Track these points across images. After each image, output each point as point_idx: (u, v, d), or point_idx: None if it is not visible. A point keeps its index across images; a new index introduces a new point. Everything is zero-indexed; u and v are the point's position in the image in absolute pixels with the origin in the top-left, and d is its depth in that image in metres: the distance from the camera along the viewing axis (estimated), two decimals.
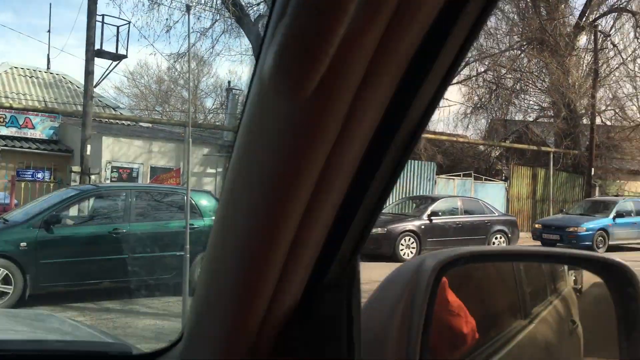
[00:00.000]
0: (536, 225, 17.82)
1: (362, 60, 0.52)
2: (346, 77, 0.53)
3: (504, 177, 24.09)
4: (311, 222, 0.61)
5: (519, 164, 23.39)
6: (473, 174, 21.83)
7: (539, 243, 17.00)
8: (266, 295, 0.64)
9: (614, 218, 16.65)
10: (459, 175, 21.42)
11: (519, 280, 1.30)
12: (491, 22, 23.54)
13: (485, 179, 22.25)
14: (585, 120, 23.42)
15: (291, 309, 0.68)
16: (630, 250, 16.74)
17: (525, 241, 17.79)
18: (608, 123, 25.57)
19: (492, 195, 21.75)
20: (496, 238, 14.34)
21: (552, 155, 23.10)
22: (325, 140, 0.56)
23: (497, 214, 14.94)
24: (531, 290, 1.34)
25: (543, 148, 23.92)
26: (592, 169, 21.97)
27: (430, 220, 13.45)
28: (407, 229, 13.12)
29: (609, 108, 25.17)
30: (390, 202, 18.08)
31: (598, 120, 23.51)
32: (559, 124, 22.88)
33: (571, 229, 16.08)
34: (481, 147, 25.72)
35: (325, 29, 0.48)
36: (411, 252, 12.86)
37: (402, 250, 12.85)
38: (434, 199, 14.76)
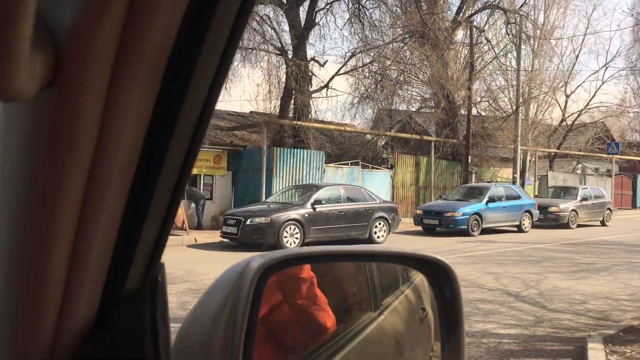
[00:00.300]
0: (417, 211, 18.45)
1: (101, 51, 0.49)
2: (84, 71, 0.49)
3: (389, 166, 24.98)
4: (89, 235, 0.58)
5: (403, 153, 24.34)
6: (360, 162, 22.44)
7: (420, 228, 17.84)
8: (52, 309, 0.61)
9: (486, 203, 17.68)
10: (347, 164, 21.93)
11: (370, 272, 1.35)
12: (376, 14, 24.28)
13: (372, 167, 22.96)
14: (462, 111, 24.74)
15: (88, 323, 0.66)
16: (500, 232, 17.99)
17: (408, 226, 18.62)
18: (483, 114, 27.26)
19: (379, 183, 22.52)
20: (379, 224, 14.62)
21: (433, 144, 24.23)
22: (79, 144, 0.52)
23: (378, 201, 15.13)
24: (385, 282, 1.39)
25: (425, 137, 25.03)
26: (469, 157, 23.32)
27: (314, 208, 13.49)
28: (291, 217, 13.11)
29: (484, 99, 26.83)
30: (276, 191, 18.25)
31: (474, 111, 24.96)
32: (439, 114, 24.03)
33: (448, 214, 16.88)
34: (368, 136, 26.48)
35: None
36: (295, 241, 12.94)
37: (286, 239, 12.86)
38: (317, 187, 14.75)
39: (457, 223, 16.71)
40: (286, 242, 12.76)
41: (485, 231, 17.46)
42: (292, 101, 22.21)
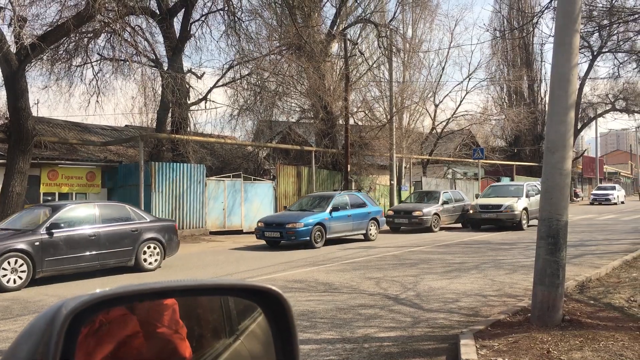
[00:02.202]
0: (258, 224, 17.02)
1: None
2: None
3: (272, 177, 25.09)
4: None
5: (285, 164, 24.56)
6: (242, 174, 22.32)
7: (263, 242, 16.92)
8: None
9: (330, 212, 16.87)
10: (228, 177, 21.72)
11: (225, 298, 1.32)
12: (252, 27, 24.35)
13: (255, 179, 22.93)
14: (340, 121, 25.42)
15: None
16: (346, 242, 17.62)
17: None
18: (360, 123, 28.21)
19: (262, 194, 22.53)
20: (148, 247, 12.11)
21: (313, 154, 24.69)
22: None
23: (148, 220, 12.52)
24: (241, 305, 1.36)
25: (305, 147, 25.45)
26: (348, 166, 23.99)
27: (51, 234, 10.57)
28: (12, 248, 10.05)
29: (360, 110, 27.78)
30: (156, 207, 17.50)
31: (351, 121, 25.78)
32: (318, 125, 24.52)
33: (289, 225, 15.86)
34: (249, 148, 26.43)
35: None
36: (18, 279, 10.03)
37: (5, 277, 9.87)
38: (56, 208, 11.31)
39: (300, 234, 15.71)
40: (5, 281, 9.88)
41: (331, 241, 16.86)
42: (170, 114, 21.63)
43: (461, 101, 43.83)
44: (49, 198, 18.14)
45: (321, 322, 6.96)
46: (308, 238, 15.89)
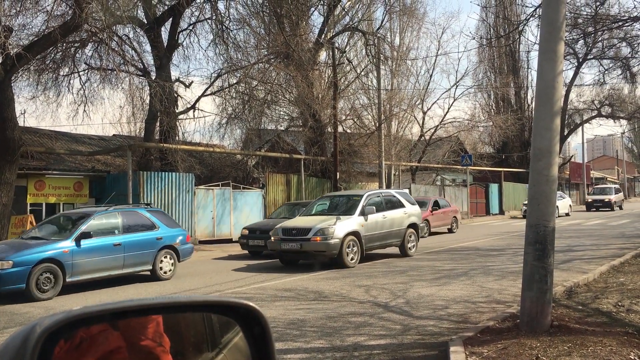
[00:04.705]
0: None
1: None
2: None
3: (261, 185, 25.06)
4: None
5: (274, 172, 24.53)
6: (232, 183, 22.27)
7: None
8: None
9: (76, 241, 12.63)
10: (217, 185, 21.66)
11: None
12: (240, 35, 24.40)
13: (244, 188, 22.90)
14: (329, 129, 25.46)
15: None
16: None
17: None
18: (349, 131, 28.29)
19: (251, 203, 22.48)
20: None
21: (302, 162, 24.70)
22: None
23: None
24: (224, 318, 1.36)
25: (294, 155, 25.45)
26: (337, 173, 24.01)
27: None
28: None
29: (349, 117, 27.87)
30: None
31: (340, 129, 25.84)
32: (307, 133, 24.54)
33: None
34: (238, 157, 26.39)
35: None
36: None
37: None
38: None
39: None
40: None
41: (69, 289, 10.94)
42: (158, 123, 21.56)
43: (449, 108, 44.05)
44: (37, 208, 18.00)
45: (311, 330, 6.95)
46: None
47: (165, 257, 12.39)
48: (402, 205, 15.49)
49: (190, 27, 22.32)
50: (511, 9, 41.78)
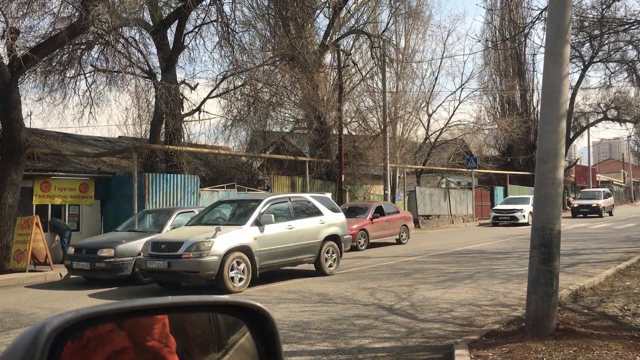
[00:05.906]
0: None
1: None
2: None
3: (266, 187, 25.07)
4: None
5: (279, 174, 24.56)
6: (236, 184, 22.29)
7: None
8: None
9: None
10: (222, 187, 21.68)
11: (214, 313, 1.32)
12: (245, 38, 24.42)
13: (248, 190, 22.90)
14: (334, 131, 25.48)
15: None
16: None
17: None
18: (354, 133, 28.29)
19: None
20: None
21: (307, 164, 24.70)
22: None
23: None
24: (230, 318, 1.36)
25: (299, 158, 25.46)
26: (342, 176, 24.02)
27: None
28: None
29: (354, 120, 27.87)
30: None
31: (345, 131, 25.83)
32: (312, 135, 24.55)
33: None
34: (243, 159, 26.42)
35: None
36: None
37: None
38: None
39: None
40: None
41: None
42: (163, 125, 21.61)
43: (454, 111, 43.64)
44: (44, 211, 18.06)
45: (315, 333, 6.94)
46: None
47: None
48: (318, 213, 12.72)
49: (196, 30, 22.37)
50: (517, 12, 41.75)
